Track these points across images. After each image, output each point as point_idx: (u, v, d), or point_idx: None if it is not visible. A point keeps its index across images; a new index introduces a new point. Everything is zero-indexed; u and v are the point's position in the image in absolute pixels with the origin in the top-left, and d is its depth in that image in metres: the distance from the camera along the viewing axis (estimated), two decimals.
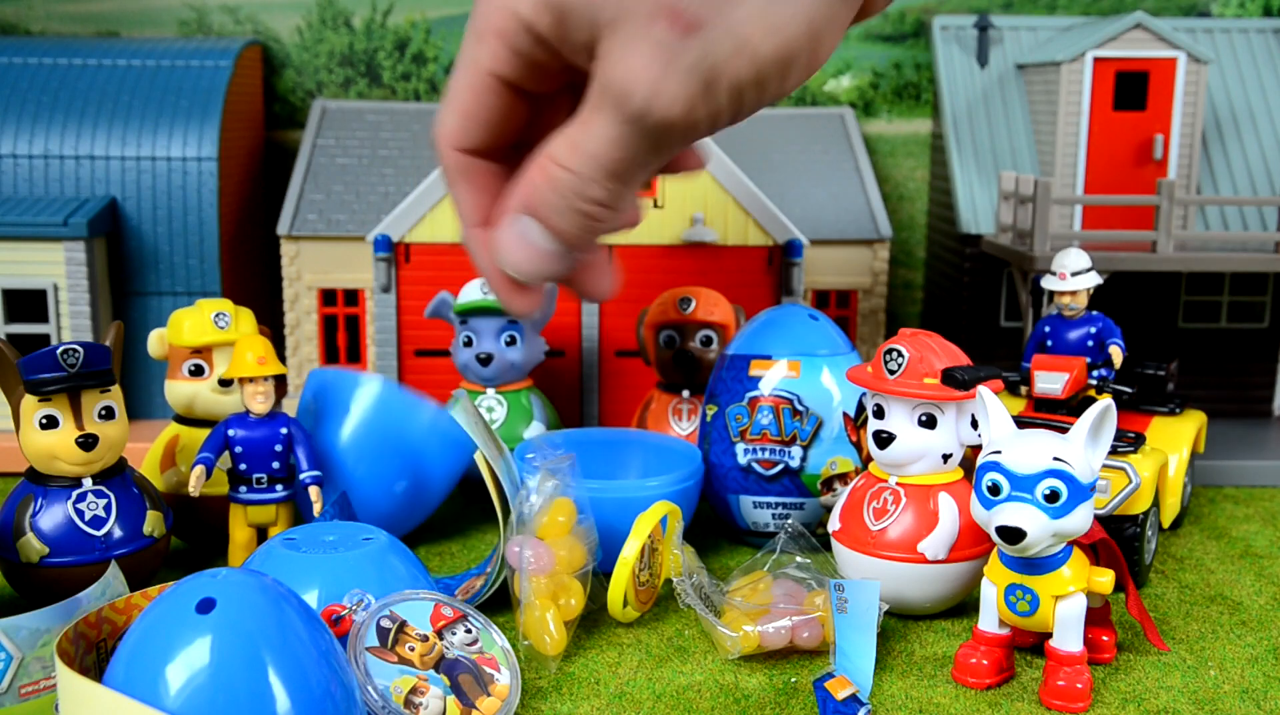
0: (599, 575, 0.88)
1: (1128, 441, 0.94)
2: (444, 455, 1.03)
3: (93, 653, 0.67)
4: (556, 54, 0.39)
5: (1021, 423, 0.81)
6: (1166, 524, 1.04)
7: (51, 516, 0.85)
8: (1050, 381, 0.98)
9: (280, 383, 0.95)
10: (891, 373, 0.86)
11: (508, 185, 0.42)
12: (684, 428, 1.13)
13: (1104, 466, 0.92)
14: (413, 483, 1.02)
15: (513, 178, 0.42)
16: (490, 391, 1.14)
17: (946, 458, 0.86)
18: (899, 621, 0.88)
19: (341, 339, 1.34)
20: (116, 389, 0.87)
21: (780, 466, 1.00)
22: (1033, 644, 0.83)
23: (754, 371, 1.01)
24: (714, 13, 0.35)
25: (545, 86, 0.41)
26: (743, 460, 1.01)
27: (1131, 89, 1.30)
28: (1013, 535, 0.73)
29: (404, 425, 1.01)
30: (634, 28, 0.36)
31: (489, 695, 0.72)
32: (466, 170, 0.43)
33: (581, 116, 0.38)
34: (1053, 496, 0.73)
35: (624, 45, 0.36)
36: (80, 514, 0.85)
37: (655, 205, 1.24)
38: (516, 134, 0.43)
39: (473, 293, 1.12)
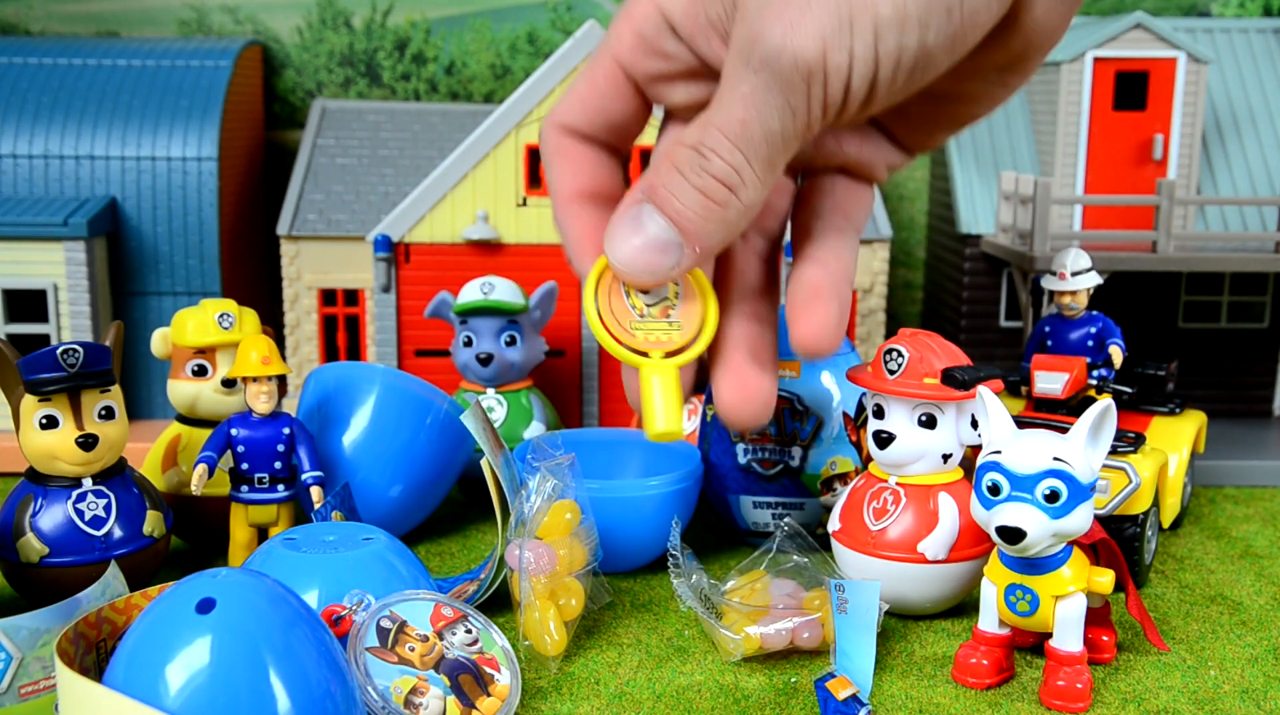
0: (599, 575, 0.88)
1: (1128, 441, 0.94)
2: (443, 454, 1.03)
3: (93, 653, 0.67)
4: (686, 46, 0.38)
5: (1021, 423, 0.81)
6: (1166, 524, 1.04)
7: (51, 516, 0.85)
8: (1050, 381, 0.98)
9: (280, 383, 0.95)
10: (891, 373, 0.86)
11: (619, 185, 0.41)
12: (684, 428, 1.13)
13: (1104, 466, 0.92)
14: (412, 482, 1.02)
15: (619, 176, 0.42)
16: (490, 391, 1.13)
17: (946, 458, 0.86)
18: (899, 621, 0.88)
19: (341, 339, 1.34)
20: (116, 389, 0.87)
21: (780, 466, 1.00)
22: (1033, 644, 0.83)
23: None
24: None
25: (664, 91, 0.40)
26: (743, 460, 1.01)
27: (1131, 89, 1.30)
28: (1013, 535, 0.73)
29: (404, 423, 1.01)
30: None
31: (489, 695, 0.72)
32: (563, 149, 0.41)
33: (714, 96, 0.37)
34: (1053, 496, 0.73)
35: None
36: (80, 514, 0.85)
37: None
38: (629, 137, 0.42)
39: (473, 293, 1.12)
